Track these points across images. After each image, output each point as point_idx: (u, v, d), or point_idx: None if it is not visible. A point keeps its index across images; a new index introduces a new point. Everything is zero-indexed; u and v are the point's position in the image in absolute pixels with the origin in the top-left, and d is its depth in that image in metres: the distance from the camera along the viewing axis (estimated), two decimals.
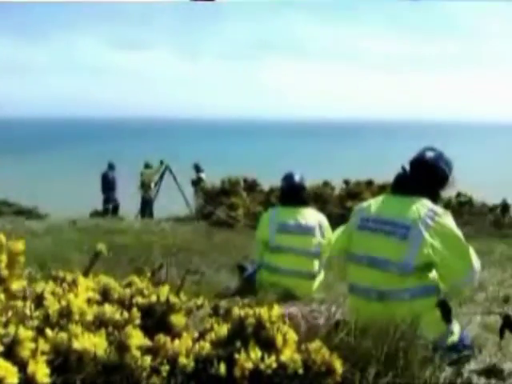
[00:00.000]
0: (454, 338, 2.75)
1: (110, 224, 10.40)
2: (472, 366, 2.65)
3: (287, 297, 4.07)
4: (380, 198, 3.00)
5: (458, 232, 2.73)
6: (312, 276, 4.52)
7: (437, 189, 2.91)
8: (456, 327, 2.80)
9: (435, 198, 2.86)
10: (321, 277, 4.63)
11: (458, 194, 11.13)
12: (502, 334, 2.75)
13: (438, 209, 2.76)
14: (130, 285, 1.74)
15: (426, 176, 2.86)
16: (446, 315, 2.76)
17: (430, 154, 2.90)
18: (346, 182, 12.10)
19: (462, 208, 10.63)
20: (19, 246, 1.07)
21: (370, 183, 11.72)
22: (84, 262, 2.32)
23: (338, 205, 10.23)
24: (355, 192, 10.87)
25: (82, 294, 1.32)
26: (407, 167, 2.89)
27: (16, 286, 1.07)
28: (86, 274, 1.92)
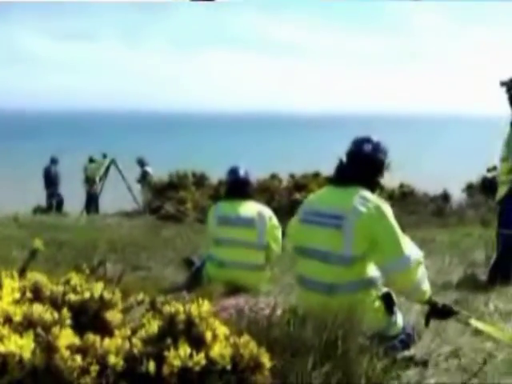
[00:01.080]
0: (398, 328, 2.82)
1: (54, 220, 10.11)
2: (411, 352, 2.75)
3: (235, 289, 4.09)
4: (321, 191, 3.06)
5: (391, 218, 2.76)
6: (257, 267, 4.55)
7: (375, 178, 2.96)
8: (399, 318, 2.88)
9: (374, 187, 2.92)
10: (268, 269, 4.68)
11: (401, 185, 11.49)
12: (427, 321, 2.83)
13: (371, 196, 2.80)
14: (67, 282, 1.69)
15: (363, 167, 2.91)
16: (389, 307, 2.82)
17: (367, 146, 2.95)
18: (292, 176, 12.24)
19: (405, 198, 10.97)
20: None
21: (316, 175, 11.90)
22: (25, 260, 2.24)
23: (286, 197, 10.34)
24: (302, 184, 11.00)
25: (7, 295, 1.27)
26: (344, 159, 2.94)
27: None
28: (22, 271, 1.85)
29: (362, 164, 2.91)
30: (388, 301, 2.83)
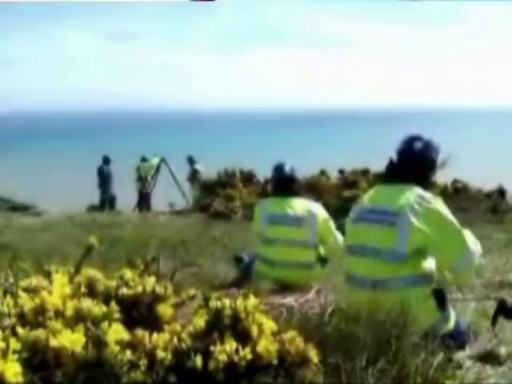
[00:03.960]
0: (450, 325, 2.74)
1: (107, 218, 10.39)
2: (467, 352, 2.65)
3: (284, 287, 4.06)
4: (373, 190, 3.03)
5: (449, 215, 2.72)
6: (307, 265, 4.47)
7: (427, 176, 2.92)
8: (452, 315, 2.79)
9: (426, 185, 2.87)
10: (319, 267, 4.60)
11: (454, 181, 11.13)
12: (494, 320, 2.74)
13: (426, 194, 2.76)
14: (121, 278, 1.72)
15: (415, 166, 2.88)
16: (441, 303, 2.75)
17: (417, 144, 2.91)
18: (341, 172, 12.07)
19: (458, 194, 10.62)
20: None
21: (365, 172, 11.70)
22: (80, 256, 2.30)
23: (335, 194, 10.20)
24: (351, 181, 10.84)
25: (57, 290, 1.29)
26: (394, 157, 2.91)
27: None
28: (77, 267, 1.90)
29: (414, 163, 2.88)
30: (440, 297, 2.75)
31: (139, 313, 1.42)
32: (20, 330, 1.16)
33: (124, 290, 1.46)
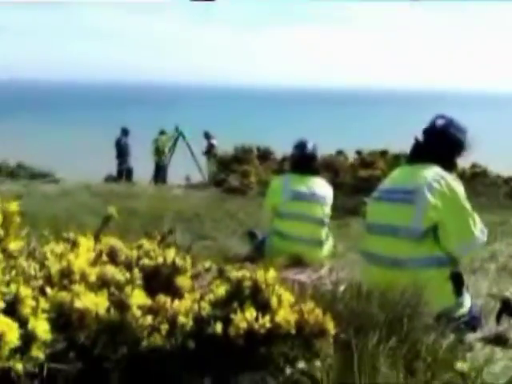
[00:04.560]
0: (464, 309, 2.75)
1: (124, 189, 10.50)
2: (478, 334, 2.66)
3: (296, 263, 4.11)
4: (397, 170, 3.02)
5: (463, 199, 2.71)
6: (320, 243, 4.55)
7: (450, 156, 2.89)
8: (467, 299, 2.80)
9: (450, 166, 2.84)
10: (330, 243, 4.66)
11: (473, 165, 11.00)
12: (498, 319, 2.73)
13: (446, 174, 2.75)
14: (139, 248, 1.76)
15: (437, 143, 2.85)
16: (458, 288, 2.75)
17: (439, 121, 2.89)
18: (359, 152, 12.00)
19: (476, 179, 10.51)
20: (13, 206, 1.08)
21: (384, 153, 11.61)
22: (97, 226, 2.35)
23: (351, 174, 10.16)
24: (369, 161, 10.78)
25: (83, 254, 1.34)
26: (420, 137, 2.89)
27: (14, 246, 1.08)
28: (96, 236, 1.94)
29: (436, 141, 2.86)
30: (457, 281, 2.75)
31: (159, 282, 1.46)
32: (49, 290, 1.20)
33: (145, 261, 1.50)
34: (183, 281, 1.48)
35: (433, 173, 2.73)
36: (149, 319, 1.22)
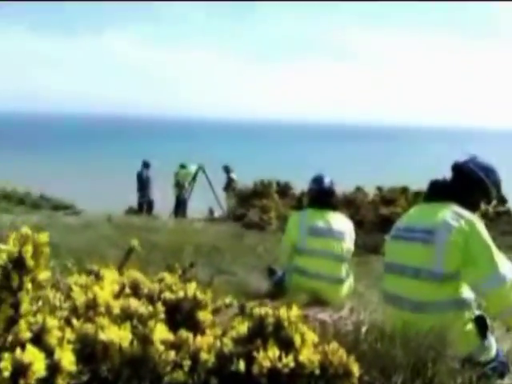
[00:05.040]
0: (490, 354, 2.65)
1: (145, 222, 10.56)
2: (505, 381, 2.57)
3: (316, 301, 4.05)
4: (414, 207, 2.99)
5: (484, 233, 2.63)
6: (340, 280, 4.48)
7: (470, 194, 2.83)
8: (492, 343, 2.70)
9: (471, 206, 2.78)
10: (350, 281, 4.60)
11: (496, 204, 10.82)
12: None
13: (464, 212, 2.68)
14: (161, 281, 1.77)
15: (455, 181, 2.81)
16: (482, 331, 2.66)
17: (465, 161, 2.85)
18: (379, 189, 11.93)
19: (500, 218, 10.34)
20: (44, 237, 1.10)
21: (404, 190, 11.52)
22: (118, 258, 2.37)
23: (372, 211, 10.08)
24: (389, 198, 10.70)
25: (108, 286, 1.35)
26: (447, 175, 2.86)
27: (42, 276, 1.10)
28: (120, 268, 1.96)
29: (457, 179, 2.81)
30: (481, 324, 2.67)
31: (181, 316, 1.46)
32: (74, 322, 1.22)
33: (167, 294, 1.51)
34: (204, 315, 1.48)
35: (450, 211, 2.67)
36: (172, 354, 1.22)
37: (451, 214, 2.65)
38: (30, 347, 1.07)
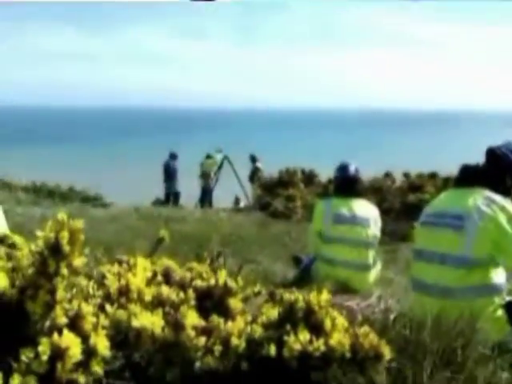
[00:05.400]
0: None
1: (171, 212, 10.67)
2: None
3: (344, 289, 4.05)
4: (444, 193, 2.96)
5: None
6: (367, 267, 4.49)
7: (501, 179, 2.78)
8: None
9: (503, 190, 2.74)
10: (377, 268, 4.60)
11: None
12: None
13: (495, 196, 2.65)
14: (191, 270, 1.80)
15: (487, 166, 2.77)
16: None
17: (499, 145, 2.81)
18: (406, 175, 11.78)
19: None
20: (79, 224, 1.14)
21: (433, 176, 11.34)
22: (146, 249, 2.41)
23: (399, 198, 9.97)
24: (417, 185, 10.55)
25: (140, 274, 1.38)
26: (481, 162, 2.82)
27: (77, 262, 1.14)
28: (149, 258, 2.00)
29: (489, 164, 2.77)
30: (511, 310, 2.64)
31: (211, 303, 1.49)
32: (108, 308, 1.25)
33: (198, 282, 1.54)
34: (235, 303, 1.50)
35: (482, 197, 2.65)
36: (202, 340, 1.24)
37: (483, 199, 2.63)
38: (66, 332, 1.10)
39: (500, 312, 2.61)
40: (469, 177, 2.78)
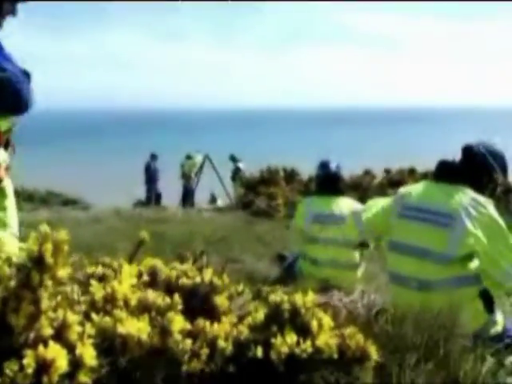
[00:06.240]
0: (498, 328, 2.69)
1: (153, 213, 10.61)
2: None
3: (328, 287, 4.05)
4: (421, 185, 2.96)
5: (502, 223, 2.67)
6: (352, 266, 4.45)
7: (478, 178, 2.83)
8: (500, 317, 2.74)
9: (479, 188, 2.79)
10: (363, 266, 4.57)
11: (504, 183, 10.75)
12: None
13: (481, 198, 2.70)
14: (174, 269, 1.80)
15: (468, 165, 2.82)
16: (488, 305, 2.69)
17: (476, 143, 2.86)
18: (387, 171, 11.89)
19: (509, 195, 10.28)
20: (63, 235, 1.13)
21: (412, 171, 11.48)
22: (128, 250, 2.40)
23: (379, 193, 10.05)
24: (397, 180, 10.66)
25: (126, 280, 1.38)
26: (456, 157, 2.86)
27: (62, 273, 1.13)
28: (130, 260, 2.00)
29: (467, 163, 2.81)
30: (487, 298, 2.70)
31: (197, 301, 1.49)
32: (94, 316, 1.24)
33: (184, 280, 1.54)
34: (221, 300, 1.50)
35: (467, 197, 2.68)
36: (189, 343, 1.24)
37: (470, 200, 2.66)
38: (52, 344, 1.09)
39: (476, 300, 2.67)
40: (449, 173, 2.81)
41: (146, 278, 1.51)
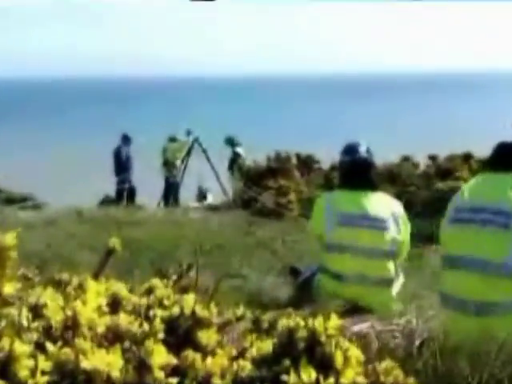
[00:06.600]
0: None
1: (126, 214, 10.63)
2: None
3: (356, 309, 4.06)
4: (475, 179, 2.98)
5: None
6: (386, 282, 4.41)
7: None
8: None
9: None
10: (400, 282, 4.56)
11: None
12: None
13: None
14: (149, 292, 1.79)
15: None
16: None
17: None
18: (432, 157, 11.87)
19: None
20: (10, 238, 1.13)
21: (467, 157, 11.44)
22: (93, 263, 2.40)
23: (424, 187, 10.05)
24: (447, 169, 10.63)
25: (92, 300, 1.38)
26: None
27: (8, 289, 1.13)
28: (95, 277, 1.99)
29: None
30: None
31: (176, 337, 1.48)
32: (50, 346, 1.25)
33: (158, 311, 1.53)
34: (207, 336, 1.49)
35: None
36: (175, 382, 1.25)
37: None
38: None
39: None
40: (507, 158, 2.81)
41: (105, 308, 1.49)
